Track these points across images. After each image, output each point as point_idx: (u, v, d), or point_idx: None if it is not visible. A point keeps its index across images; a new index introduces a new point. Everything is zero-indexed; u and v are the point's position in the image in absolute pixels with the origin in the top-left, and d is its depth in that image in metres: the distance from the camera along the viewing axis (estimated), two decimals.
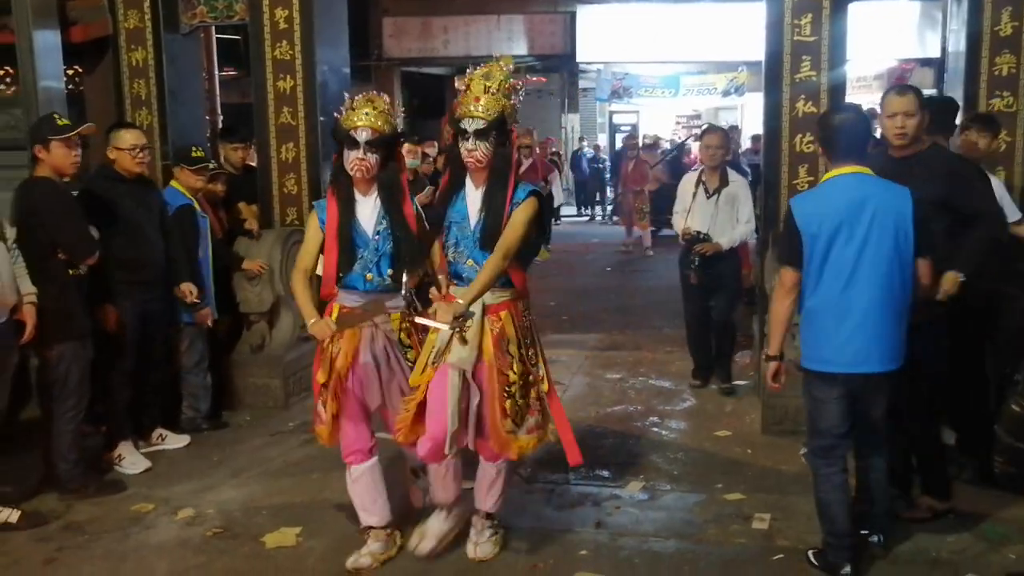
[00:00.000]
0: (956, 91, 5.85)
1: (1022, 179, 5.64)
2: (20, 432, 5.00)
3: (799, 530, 4.05)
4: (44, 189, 4.54)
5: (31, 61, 6.06)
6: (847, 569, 3.65)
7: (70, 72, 7.09)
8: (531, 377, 3.78)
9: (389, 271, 3.84)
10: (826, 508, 3.71)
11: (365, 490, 4.00)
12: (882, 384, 3.60)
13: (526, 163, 12.29)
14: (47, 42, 6.18)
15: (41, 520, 4.37)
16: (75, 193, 4.94)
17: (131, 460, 5.08)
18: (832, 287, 3.50)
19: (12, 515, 4.34)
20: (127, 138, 5.08)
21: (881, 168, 3.71)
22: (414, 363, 3.84)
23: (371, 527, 4.00)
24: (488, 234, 3.68)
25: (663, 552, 4.02)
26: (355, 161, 3.75)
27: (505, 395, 3.71)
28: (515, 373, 3.72)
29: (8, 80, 7.64)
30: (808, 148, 5.88)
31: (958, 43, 5.98)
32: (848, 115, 3.71)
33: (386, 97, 3.90)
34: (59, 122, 4.62)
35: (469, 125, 3.65)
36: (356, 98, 3.83)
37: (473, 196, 3.80)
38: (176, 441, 5.47)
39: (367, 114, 3.76)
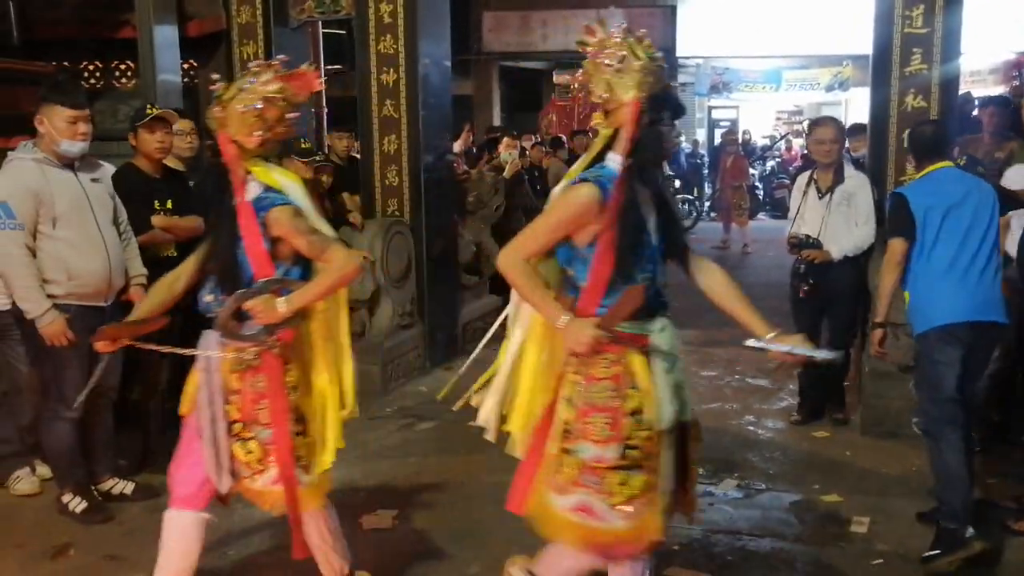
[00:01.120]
0: None
1: None
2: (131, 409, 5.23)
3: (900, 534, 3.96)
4: (119, 172, 4.72)
5: (151, 55, 6.34)
6: (971, 532, 3.66)
7: (186, 66, 7.37)
8: None
9: None
10: (952, 475, 3.72)
11: None
12: (994, 339, 3.89)
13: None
14: (166, 37, 6.46)
15: (153, 492, 4.57)
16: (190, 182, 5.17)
17: None
18: (947, 252, 3.74)
19: (127, 487, 4.59)
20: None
21: None
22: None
23: None
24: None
25: (757, 551, 3.99)
26: None
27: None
28: None
29: (129, 74, 8.02)
30: None
31: None
32: (935, 126, 4.31)
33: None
34: (148, 111, 4.80)
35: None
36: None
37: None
38: None
39: None
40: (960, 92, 10.61)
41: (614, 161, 2.67)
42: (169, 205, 4.81)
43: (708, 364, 6.92)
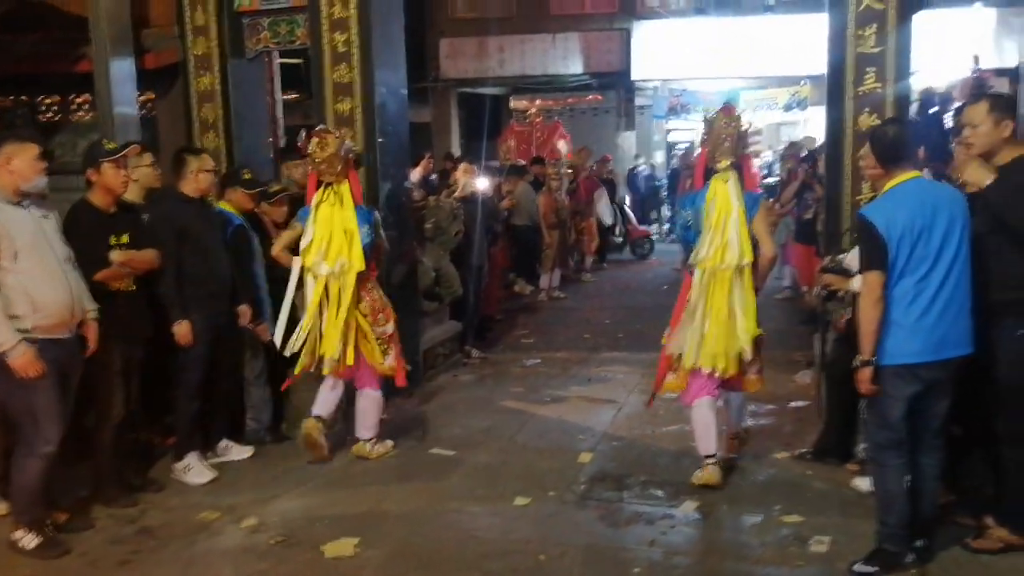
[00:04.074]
0: None
1: None
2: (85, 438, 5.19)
3: (859, 553, 3.97)
4: (74, 209, 4.75)
5: (107, 88, 6.33)
6: (911, 557, 3.74)
7: (143, 98, 7.36)
8: None
9: None
10: (893, 500, 3.81)
11: None
12: (954, 371, 3.77)
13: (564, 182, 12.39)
14: (122, 70, 6.45)
15: (88, 524, 4.61)
16: (144, 216, 5.17)
17: (198, 471, 5.25)
18: (912, 284, 3.67)
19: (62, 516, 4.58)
20: (191, 163, 5.30)
21: None
22: None
23: None
24: None
25: (718, 573, 4.04)
26: None
27: None
28: None
29: (87, 107, 8.00)
30: None
31: None
32: (901, 126, 4.05)
33: None
34: (107, 146, 4.85)
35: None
36: None
37: None
38: (240, 452, 5.62)
39: None
40: (922, 89, 10.90)
41: None
42: (125, 240, 4.79)
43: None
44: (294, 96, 12.00)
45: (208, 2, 6.98)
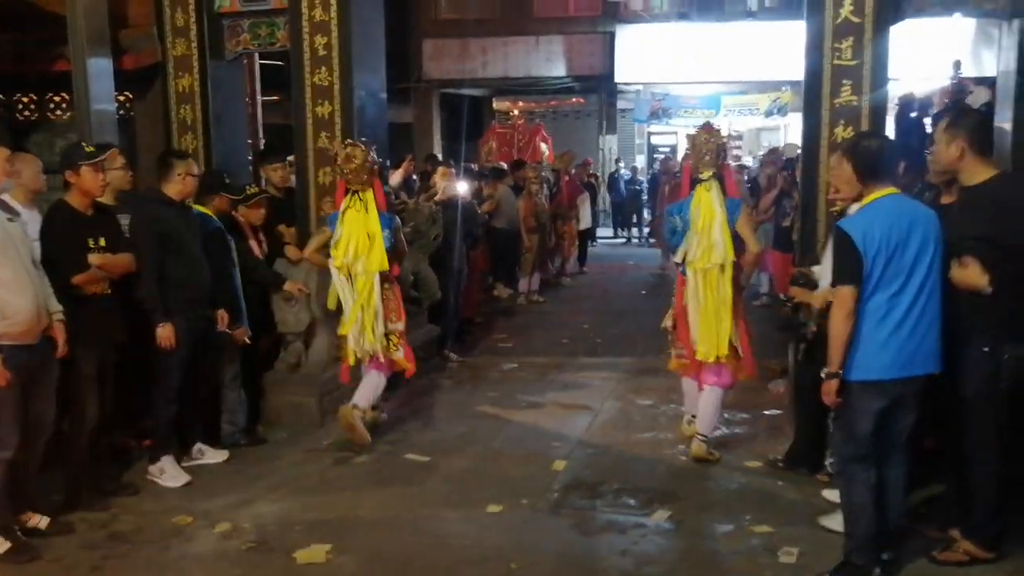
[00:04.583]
0: (1006, 113, 5.77)
1: None
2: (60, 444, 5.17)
3: (828, 565, 4.00)
4: (53, 210, 4.76)
5: (84, 86, 6.28)
6: (877, 571, 3.79)
7: (121, 98, 7.33)
8: None
9: None
10: (860, 513, 3.84)
11: None
12: (921, 388, 3.80)
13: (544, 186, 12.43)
14: (100, 68, 6.41)
15: (69, 529, 4.58)
16: (124, 217, 5.16)
17: (172, 474, 5.24)
18: (884, 299, 3.69)
19: (42, 521, 4.54)
20: (177, 166, 5.29)
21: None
22: None
23: None
24: None
25: None
26: None
27: None
28: None
29: (64, 106, 7.97)
30: None
31: (1008, 64, 5.83)
32: (882, 140, 4.09)
33: None
34: (87, 149, 4.85)
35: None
36: None
37: None
38: (215, 456, 5.61)
39: None
40: (902, 94, 11.00)
41: None
42: (102, 243, 4.78)
43: (643, 393, 7.01)
44: (275, 98, 11.95)
45: (188, 3, 6.95)
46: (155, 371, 5.21)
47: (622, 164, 21.42)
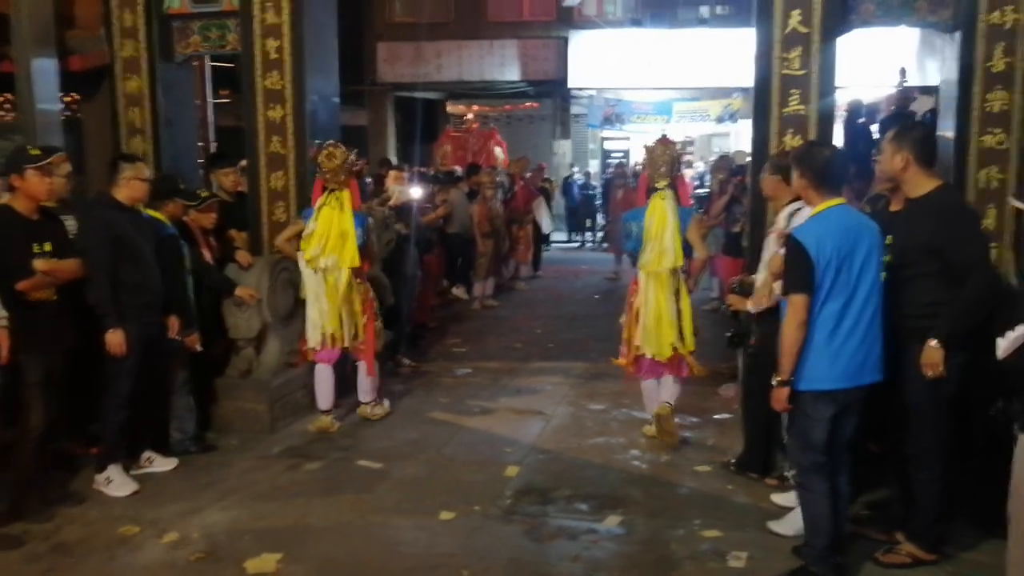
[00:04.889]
0: (948, 124, 5.89)
1: (1014, 218, 5.49)
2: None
3: (776, 569, 4.09)
4: None
5: (28, 86, 6.19)
6: None
7: (68, 100, 7.21)
8: None
9: None
10: (820, 522, 3.91)
11: None
12: (867, 396, 3.89)
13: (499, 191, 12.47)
14: (44, 68, 6.32)
15: (18, 542, 4.47)
16: (69, 218, 5.07)
17: (119, 483, 5.15)
18: (836, 309, 3.74)
19: None
20: (126, 170, 5.19)
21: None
22: None
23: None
24: None
25: None
26: None
27: None
28: None
29: (7, 107, 7.80)
30: None
31: (951, 76, 5.97)
32: (833, 150, 4.10)
33: None
34: (32, 152, 4.76)
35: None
36: None
37: None
38: (164, 464, 5.53)
39: None
40: (850, 100, 11.20)
41: None
42: (48, 248, 4.70)
43: (595, 397, 7.05)
44: (227, 99, 11.83)
45: (136, 4, 6.86)
46: (104, 377, 5.12)
47: (576, 169, 21.51)
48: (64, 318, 4.83)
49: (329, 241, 5.97)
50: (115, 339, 4.97)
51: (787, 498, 4.73)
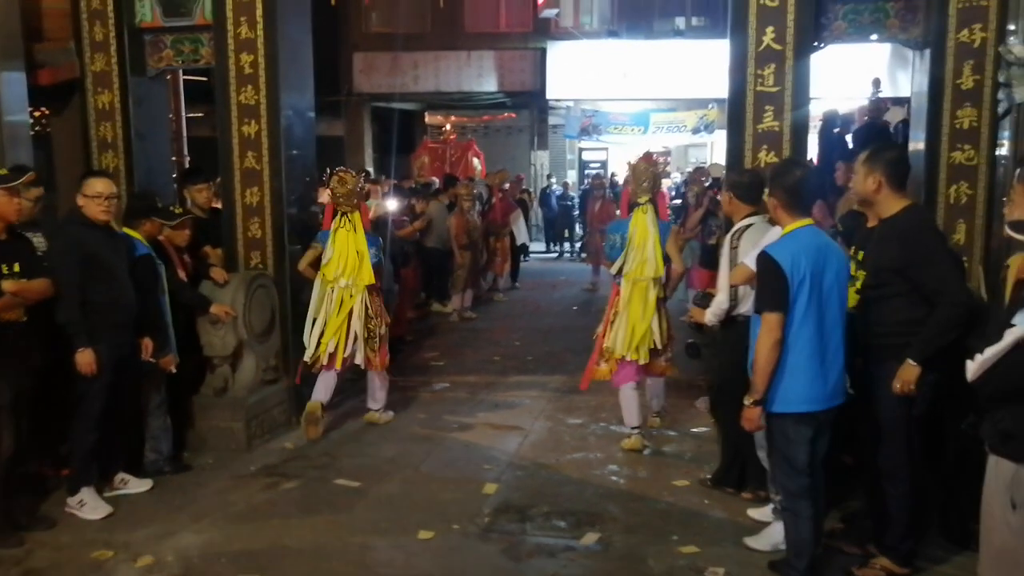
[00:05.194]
0: (919, 133, 5.94)
1: (983, 234, 5.66)
2: None
3: None
4: None
5: None
6: None
7: (37, 114, 7.13)
8: None
9: None
10: (804, 546, 3.95)
11: None
12: (835, 415, 3.94)
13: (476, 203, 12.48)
14: (12, 81, 6.24)
15: None
16: (36, 236, 5.01)
17: (92, 505, 5.08)
18: (808, 330, 3.75)
19: None
20: (95, 186, 5.11)
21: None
22: None
23: None
24: None
25: None
26: None
27: None
28: None
29: None
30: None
31: (921, 87, 6.01)
32: (805, 170, 4.12)
33: None
34: (1, 172, 4.70)
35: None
36: None
37: None
38: (139, 485, 5.46)
39: None
40: (826, 111, 11.29)
41: None
42: (17, 268, 4.63)
43: (573, 411, 7.05)
44: (200, 114, 11.73)
45: (107, 17, 6.77)
46: (74, 397, 5.05)
47: (554, 180, 21.54)
48: (34, 339, 4.76)
49: (348, 261, 6.35)
50: (84, 359, 4.90)
51: (763, 512, 4.74)
